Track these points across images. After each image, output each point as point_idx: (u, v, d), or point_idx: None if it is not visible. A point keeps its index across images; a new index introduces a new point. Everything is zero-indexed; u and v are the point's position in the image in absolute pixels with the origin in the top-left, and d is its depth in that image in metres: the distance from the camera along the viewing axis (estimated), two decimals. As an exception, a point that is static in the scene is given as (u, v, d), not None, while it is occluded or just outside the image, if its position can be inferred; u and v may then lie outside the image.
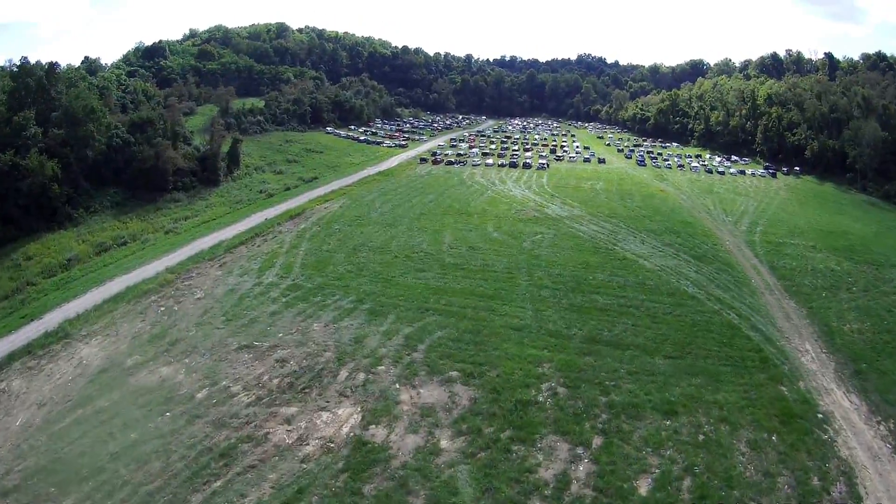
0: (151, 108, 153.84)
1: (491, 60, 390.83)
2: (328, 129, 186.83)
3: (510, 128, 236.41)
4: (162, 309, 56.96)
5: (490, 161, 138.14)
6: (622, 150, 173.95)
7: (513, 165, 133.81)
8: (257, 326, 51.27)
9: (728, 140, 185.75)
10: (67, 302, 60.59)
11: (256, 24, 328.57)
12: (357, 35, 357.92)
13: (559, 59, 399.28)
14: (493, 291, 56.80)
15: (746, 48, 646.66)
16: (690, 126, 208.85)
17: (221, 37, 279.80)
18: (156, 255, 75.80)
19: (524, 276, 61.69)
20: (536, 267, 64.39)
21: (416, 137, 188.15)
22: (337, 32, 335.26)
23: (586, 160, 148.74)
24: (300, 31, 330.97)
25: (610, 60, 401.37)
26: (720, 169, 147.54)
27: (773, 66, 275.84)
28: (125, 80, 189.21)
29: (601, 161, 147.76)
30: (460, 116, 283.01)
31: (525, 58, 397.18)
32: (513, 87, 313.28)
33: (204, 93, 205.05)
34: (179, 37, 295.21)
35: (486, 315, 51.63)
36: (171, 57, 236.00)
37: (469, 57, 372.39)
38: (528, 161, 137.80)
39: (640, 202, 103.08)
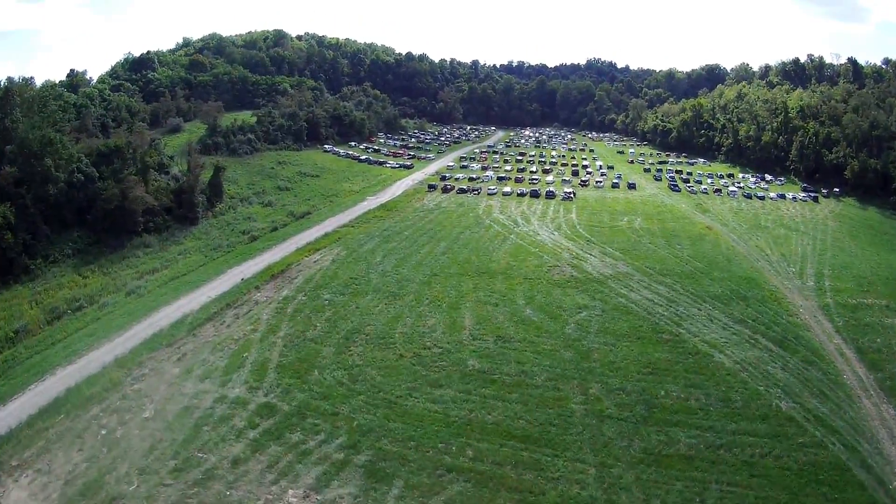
0: (127, 129, 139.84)
1: (498, 66, 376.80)
2: (326, 146, 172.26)
3: (523, 141, 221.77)
4: (103, 433, 43.37)
5: (508, 189, 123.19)
6: (649, 170, 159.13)
7: (534, 195, 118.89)
8: (214, 487, 36.82)
9: (760, 156, 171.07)
10: (3, 404, 49.20)
11: (253, 31, 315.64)
12: (359, 41, 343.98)
13: (568, 63, 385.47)
14: (538, 430, 41.35)
15: (754, 49, 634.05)
16: (717, 140, 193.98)
17: (215, 46, 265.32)
18: (108, 334, 61.86)
19: (576, 393, 46.53)
20: (589, 374, 49.33)
21: (423, 156, 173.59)
22: (337, 39, 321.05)
23: (614, 185, 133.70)
24: (299, 37, 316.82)
25: (620, 65, 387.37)
26: (759, 193, 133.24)
27: (794, 72, 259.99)
28: (109, 96, 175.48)
29: (631, 186, 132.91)
30: (468, 127, 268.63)
31: (533, 63, 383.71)
32: (522, 95, 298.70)
33: (194, 107, 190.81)
34: (172, 46, 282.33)
35: (533, 480, 36.32)
36: (160, 69, 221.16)
37: (475, 63, 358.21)
38: (551, 189, 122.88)
39: (690, 247, 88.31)
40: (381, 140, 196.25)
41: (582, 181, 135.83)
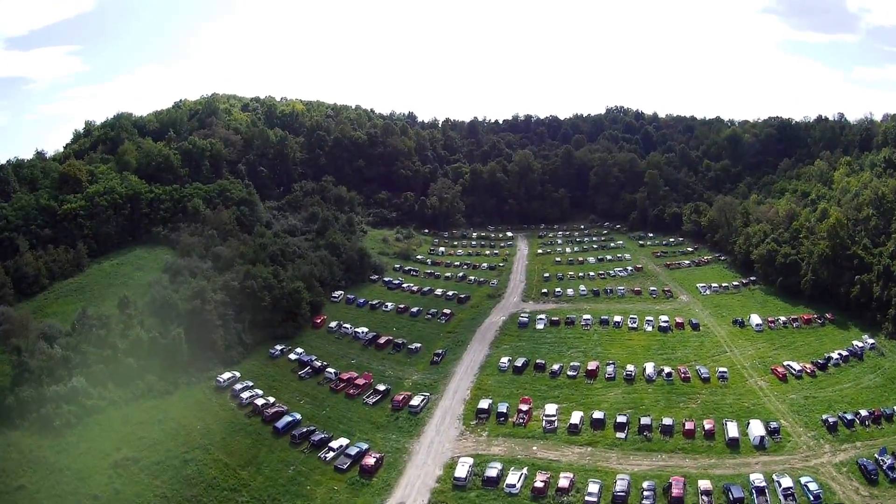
0: None
1: (501, 122, 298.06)
2: (221, 379, 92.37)
3: (570, 290, 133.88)
4: None
5: None
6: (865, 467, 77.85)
7: None
8: None
9: None
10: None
11: (183, 100, 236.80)
12: (326, 103, 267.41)
13: (584, 115, 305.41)
14: None
15: (752, 76, 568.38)
16: (878, 294, 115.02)
17: (114, 136, 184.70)
18: None
19: None
20: None
21: (401, 397, 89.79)
22: (293, 106, 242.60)
23: None
24: (245, 107, 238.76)
25: (647, 112, 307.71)
26: None
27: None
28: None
29: None
30: (474, 236, 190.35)
31: (542, 116, 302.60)
32: (544, 176, 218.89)
33: (50, 261, 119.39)
34: (72, 136, 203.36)
35: None
36: (17, 192, 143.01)
37: (475, 123, 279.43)
38: None
39: None
40: (333, 325, 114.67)
41: None
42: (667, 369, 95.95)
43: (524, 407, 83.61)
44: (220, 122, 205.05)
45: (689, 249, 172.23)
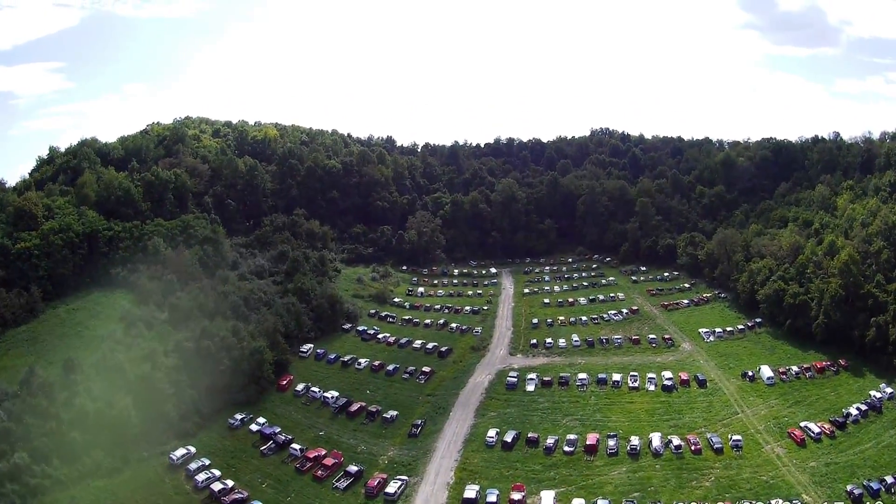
0: None
1: (482, 146, 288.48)
2: (174, 456, 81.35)
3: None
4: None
5: None
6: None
7: None
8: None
9: None
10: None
11: (154, 123, 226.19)
12: (301, 127, 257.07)
13: (568, 137, 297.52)
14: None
15: (732, 95, 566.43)
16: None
17: (76, 164, 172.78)
18: None
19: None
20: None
21: (376, 485, 79.15)
22: (266, 132, 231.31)
23: None
24: (217, 133, 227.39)
25: (633, 133, 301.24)
26: None
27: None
28: None
29: None
30: (456, 272, 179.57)
31: (524, 139, 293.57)
32: (529, 205, 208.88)
33: (2, 306, 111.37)
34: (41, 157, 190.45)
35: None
36: None
37: (455, 148, 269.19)
38: None
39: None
40: (300, 388, 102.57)
41: None
42: (675, 440, 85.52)
43: (517, 496, 72.28)
44: (188, 149, 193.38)
45: (686, 286, 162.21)
